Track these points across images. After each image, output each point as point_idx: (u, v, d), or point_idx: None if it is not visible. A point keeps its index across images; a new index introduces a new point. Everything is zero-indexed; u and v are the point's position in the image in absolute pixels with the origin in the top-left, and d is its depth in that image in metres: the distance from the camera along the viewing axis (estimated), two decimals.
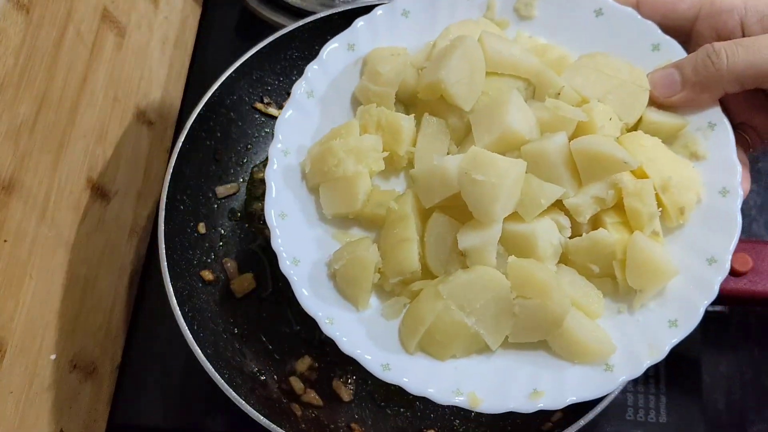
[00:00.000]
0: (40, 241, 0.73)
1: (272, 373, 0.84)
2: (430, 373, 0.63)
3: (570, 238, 0.63)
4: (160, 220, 0.80)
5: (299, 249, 0.66)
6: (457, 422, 0.83)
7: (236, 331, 0.86)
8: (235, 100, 0.90)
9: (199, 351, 0.75)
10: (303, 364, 0.85)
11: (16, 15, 0.67)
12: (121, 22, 0.86)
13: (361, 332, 0.64)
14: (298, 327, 0.87)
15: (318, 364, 0.85)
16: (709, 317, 0.89)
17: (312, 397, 0.83)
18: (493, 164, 0.59)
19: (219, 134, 0.90)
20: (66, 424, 0.78)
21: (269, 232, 0.66)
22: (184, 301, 0.79)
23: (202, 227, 0.88)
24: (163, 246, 0.79)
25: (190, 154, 0.85)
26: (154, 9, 0.94)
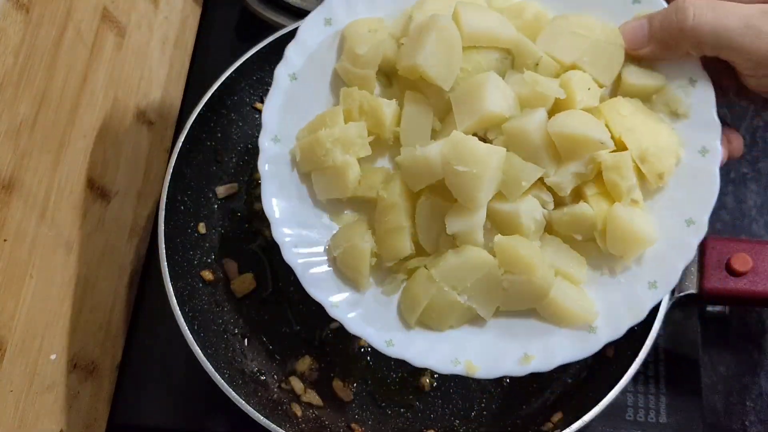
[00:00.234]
0: (40, 241, 0.73)
1: (272, 373, 0.84)
2: (430, 345, 0.67)
3: (554, 208, 0.66)
4: (160, 220, 0.80)
5: (300, 237, 0.69)
6: (457, 422, 0.83)
7: (236, 331, 0.86)
8: (236, 100, 0.90)
9: (200, 351, 0.75)
10: (303, 364, 0.85)
11: (16, 14, 0.67)
12: (121, 22, 0.86)
13: (365, 312, 0.68)
14: (299, 327, 0.87)
15: (318, 364, 0.85)
16: (709, 317, 0.89)
17: (312, 397, 0.83)
18: (473, 154, 0.61)
19: (219, 134, 0.90)
20: (66, 424, 0.78)
21: (269, 228, 0.67)
22: (184, 301, 0.79)
23: (202, 227, 0.88)
24: (163, 246, 0.79)
25: (190, 154, 0.85)
26: (154, 9, 0.94)
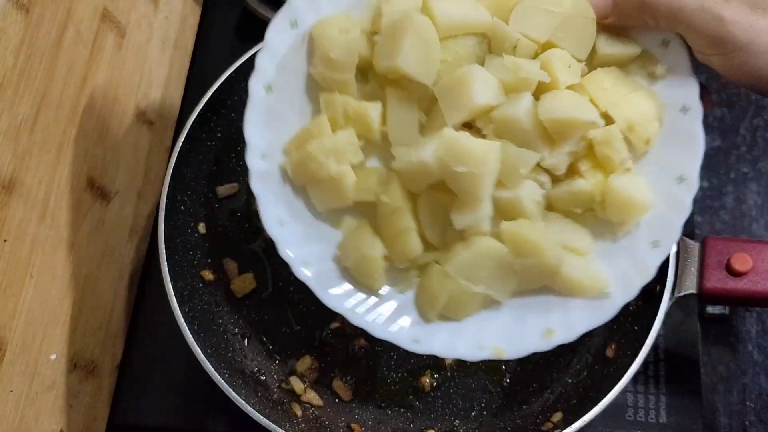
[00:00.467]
0: (40, 240, 0.73)
1: (272, 373, 0.84)
2: (453, 336, 0.69)
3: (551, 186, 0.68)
4: (160, 220, 0.80)
5: (306, 251, 0.68)
6: (457, 422, 0.83)
7: (236, 331, 0.86)
8: (236, 100, 0.90)
9: (200, 351, 0.75)
10: (303, 364, 0.85)
11: (16, 14, 0.67)
12: (121, 22, 0.86)
13: (384, 314, 0.69)
14: (299, 327, 0.87)
15: (318, 364, 0.85)
16: (709, 317, 0.89)
17: (312, 397, 0.83)
18: (470, 153, 0.61)
19: (219, 134, 0.90)
20: (66, 424, 0.78)
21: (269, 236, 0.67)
22: (184, 301, 0.79)
23: (202, 227, 0.88)
24: (163, 246, 0.79)
25: (190, 154, 0.85)
26: (154, 9, 0.94)
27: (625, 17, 0.64)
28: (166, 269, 0.78)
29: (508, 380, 0.84)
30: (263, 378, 0.84)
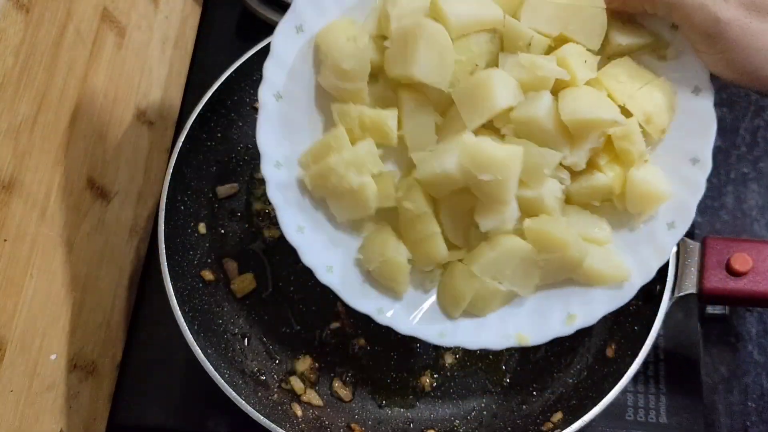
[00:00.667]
0: (40, 240, 0.73)
1: (272, 373, 0.84)
2: (478, 328, 0.71)
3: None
4: (160, 220, 0.80)
5: (328, 256, 0.69)
6: (457, 422, 0.83)
7: (236, 331, 0.86)
8: (236, 100, 0.90)
9: (200, 351, 0.75)
10: (303, 364, 0.85)
11: (16, 14, 0.67)
12: (121, 22, 0.86)
13: (409, 312, 0.71)
14: (299, 327, 0.87)
15: (318, 364, 0.85)
16: (709, 317, 0.89)
17: (312, 397, 0.83)
18: (493, 160, 0.61)
19: (219, 134, 0.90)
20: (66, 424, 0.78)
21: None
22: (184, 301, 0.79)
23: (202, 227, 0.88)
24: (164, 246, 0.79)
25: (190, 154, 0.85)
26: (154, 9, 0.94)
27: (628, 3, 0.65)
28: (166, 269, 0.78)
29: (508, 380, 0.84)
30: (263, 378, 0.84)
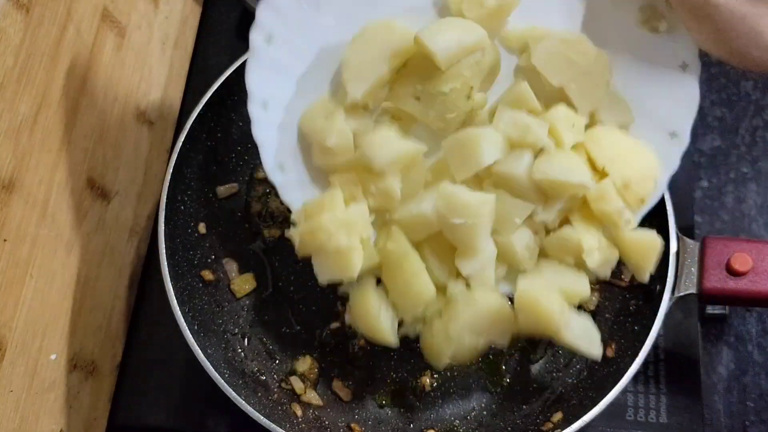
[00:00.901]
0: (40, 241, 0.73)
1: (272, 373, 0.84)
2: None
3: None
4: (160, 220, 0.80)
5: (306, 195, 0.72)
6: (457, 422, 0.83)
7: (236, 331, 0.86)
8: (236, 100, 0.90)
9: (200, 351, 0.75)
10: (303, 364, 0.85)
11: (16, 14, 0.67)
12: (121, 22, 0.86)
13: None
14: (299, 327, 0.87)
15: (318, 364, 0.85)
16: (709, 317, 0.89)
17: (312, 397, 0.83)
18: (465, 206, 0.65)
19: (219, 134, 0.90)
20: (66, 424, 0.78)
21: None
22: (184, 301, 0.79)
23: (202, 227, 0.88)
24: (164, 246, 0.79)
25: (190, 154, 0.85)
26: (154, 9, 0.94)
27: None
28: (166, 269, 0.78)
29: (508, 380, 0.84)
30: (263, 378, 0.84)
